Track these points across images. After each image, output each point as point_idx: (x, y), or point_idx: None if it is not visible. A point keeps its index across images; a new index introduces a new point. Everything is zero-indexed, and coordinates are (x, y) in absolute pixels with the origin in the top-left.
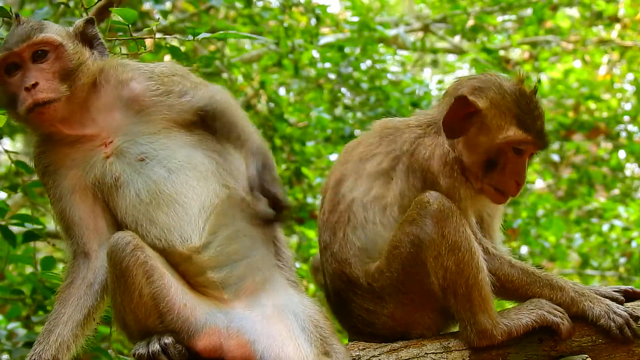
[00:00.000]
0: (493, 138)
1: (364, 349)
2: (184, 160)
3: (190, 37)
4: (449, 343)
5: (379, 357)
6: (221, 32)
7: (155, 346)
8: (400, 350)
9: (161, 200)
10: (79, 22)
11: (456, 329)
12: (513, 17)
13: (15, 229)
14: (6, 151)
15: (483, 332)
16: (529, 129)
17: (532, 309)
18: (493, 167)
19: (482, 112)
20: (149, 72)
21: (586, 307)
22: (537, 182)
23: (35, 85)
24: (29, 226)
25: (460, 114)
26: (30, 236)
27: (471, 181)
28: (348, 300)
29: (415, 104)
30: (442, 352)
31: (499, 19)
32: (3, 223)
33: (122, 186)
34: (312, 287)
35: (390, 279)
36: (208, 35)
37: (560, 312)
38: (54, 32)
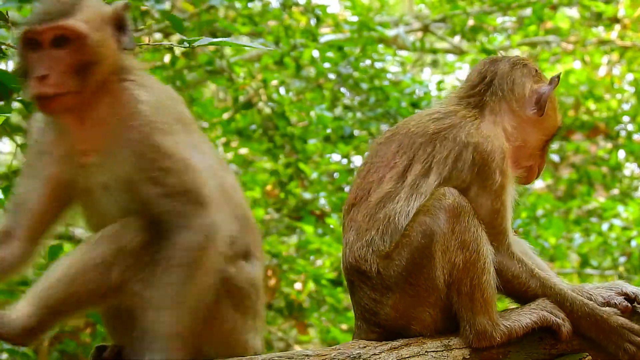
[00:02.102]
0: (558, 118)
1: (365, 347)
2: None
3: (186, 45)
4: (449, 341)
5: (380, 356)
6: (218, 39)
7: None
8: (401, 349)
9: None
10: (118, 4)
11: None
12: (513, 18)
13: None
14: (11, 137)
15: (482, 334)
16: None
17: (533, 309)
18: (543, 150)
19: (554, 92)
20: (148, 128)
21: (593, 335)
22: (537, 182)
23: (44, 77)
24: None
25: (551, 92)
26: None
27: (523, 162)
28: (359, 288)
29: (415, 105)
30: (442, 350)
31: (499, 19)
32: None
33: (86, 201)
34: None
35: (399, 267)
36: (205, 43)
37: (563, 314)
38: (85, 17)
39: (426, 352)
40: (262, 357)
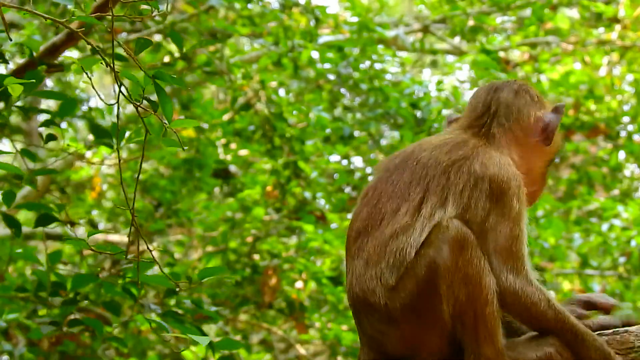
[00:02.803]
0: (559, 141)
1: None
2: None
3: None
4: None
5: None
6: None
7: None
8: None
9: None
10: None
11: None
12: (513, 18)
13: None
14: (11, 139)
15: None
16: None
17: (541, 344)
18: (547, 169)
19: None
20: None
21: None
22: None
23: None
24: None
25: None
26: (43, 220)
27: (528, 187)
28: (365, 319)
29: (414, 105)
30: None
31: (498, 20)
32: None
33: None
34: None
35: (405, 300)
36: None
37: (568, 354)
38: None
39: None
40: None
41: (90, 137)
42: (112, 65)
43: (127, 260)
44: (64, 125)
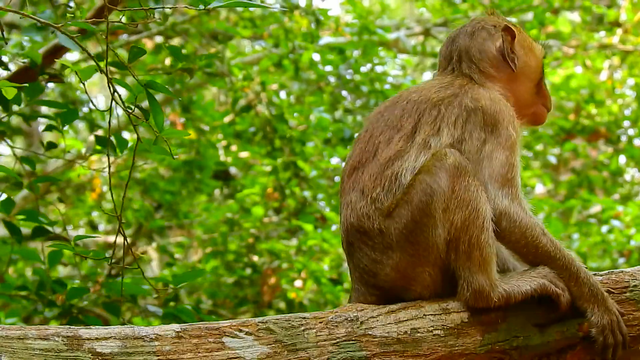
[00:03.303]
0: (538, 56)
1: (362, 310)
2: None
3: (202, 7)
4: (447, 305)
5: (377, 319)
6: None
7: None
8: (399, 312)
9: None
10: None
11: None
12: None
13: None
14: (11, 146)
15: (479, 293)
16: (540, 43)
17: (534, 277)
18: (539, 87)
19: (518, 37)
20: None
21: (589, 309)
22: (538, 188)
23: None
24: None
25: (511, 45)
26: (39, 232)
27: (524, 112)
28: (358, 250)
29: None
30: (440, 314)
31: None
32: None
33: None
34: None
35: (399, 225)
36: (219, 4)
37: (562, 284)
38: None
39: (424, 315)
40: (258, 319)
41: (91, 137)
42: (106, 72)
43: (116, 265)
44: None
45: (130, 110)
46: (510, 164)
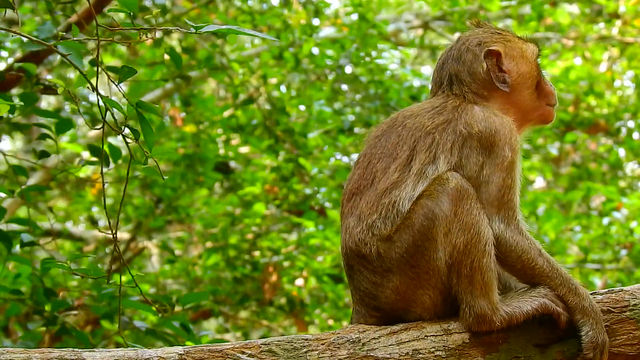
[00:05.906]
0: (530, 60)
1: (364, 331)
2: None
3: (193, 31)
4: (448, 326)
5: (379, 340)
6: (224, 27)
7: None
8: (401, 333)
9: None
10: None
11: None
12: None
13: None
14: (3, 154)
15: (482, 317)
16: (532, 40)
17: (534, 296)
18: (539, 87)
19: (505, 50)
20: None
21: (587, 323)
22: (538, 181)
23: None
24: (26, 237)
25: (498, 63)
26: (27, 244)
27: (529, 117)
28: (358, 273)
29: (414, 97)
30: (442, 335)
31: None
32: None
33: None
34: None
35: (400, 249)
36: (212, 29)
37: (562, 303)
38: None
39: (426, 336)
40: (261, 341)
41: (91, 133)
42: (97, 90)
43: (110, 284)
44: None
45: (120, 131)
46: (507, 186)
